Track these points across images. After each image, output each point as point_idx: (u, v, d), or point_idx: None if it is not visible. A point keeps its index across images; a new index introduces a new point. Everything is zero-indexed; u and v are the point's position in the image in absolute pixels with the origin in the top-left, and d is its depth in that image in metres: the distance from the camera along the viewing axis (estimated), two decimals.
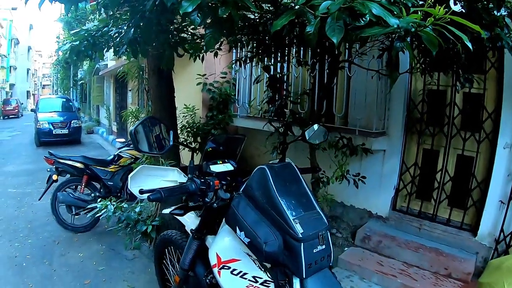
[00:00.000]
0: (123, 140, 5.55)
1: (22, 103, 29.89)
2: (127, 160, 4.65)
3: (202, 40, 3.00)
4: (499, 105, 3.09)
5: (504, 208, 3.06)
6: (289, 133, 3.36)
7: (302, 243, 1.34)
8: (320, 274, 1.44)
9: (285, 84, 3.75)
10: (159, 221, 3.48)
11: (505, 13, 1.96)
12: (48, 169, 4.56)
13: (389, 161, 3.71)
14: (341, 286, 1.50)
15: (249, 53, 3.43)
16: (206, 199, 1.69)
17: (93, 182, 4.66)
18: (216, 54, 3.32)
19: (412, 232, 3.54)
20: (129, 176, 1.79)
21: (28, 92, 43.13)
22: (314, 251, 1.38)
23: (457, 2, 1.47)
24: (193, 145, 4.49)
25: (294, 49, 3.48)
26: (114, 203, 3.60)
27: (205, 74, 4.75)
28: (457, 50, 2.58)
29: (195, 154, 1.95)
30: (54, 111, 12.40)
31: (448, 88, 3.41)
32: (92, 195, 4.46)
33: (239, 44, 3.25)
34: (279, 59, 3.59)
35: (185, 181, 1.68)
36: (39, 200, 4.79)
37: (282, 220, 1.37)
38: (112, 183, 4.57)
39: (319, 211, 1.50)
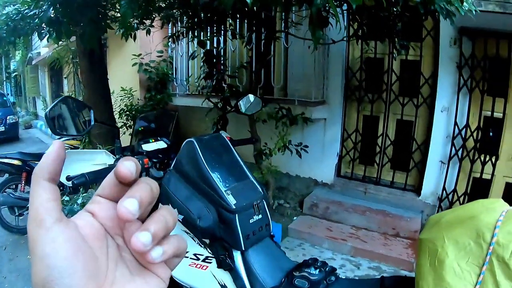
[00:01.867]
0: None
1: None
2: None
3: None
4: (436, 71, 3.23)
5: (444, 168, 3.26)
6: (228, 107, 3.32)
7: (236, 215, 1.31)
8: (261, 244, 1.43)
9: (222, 58, 3.68)
10: None
11: None
12: None
13: (330, 129, 3.79)
14: (285, 254, 1.50)
15: (183, 29, 3.31)
16: None
17: None
18: (148, 32, 3.18)
19: (358, 196, 3.67)
20: None
21: None
22: (251, 221, 1.36)
23: None
24: (132, 128, 4.35)
25: (228, 22, 3.41)
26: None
27: (140, 54, 4.55)
28: (393, 18, 2.67)
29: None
30: None
31: (386, 55, 3.50)
32: None
33: (171, 19, 3.12)
34: (214, 33, 3.50)
35: (113, 163, 1.60)
36: None
37: (214, 193, 1.33)
38: None
39: (253, 180, 1.47)
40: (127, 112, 4.53)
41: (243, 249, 1.34)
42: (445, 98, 3.21)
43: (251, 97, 2.07)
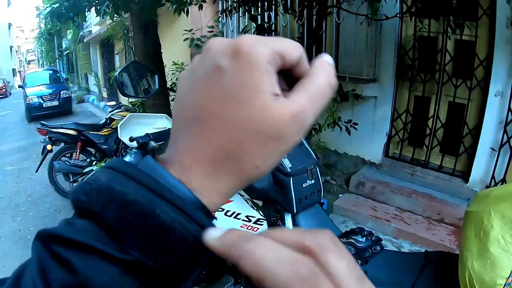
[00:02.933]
0: (113, 103, 5.48)
1: (9, 82, 29.17)
2: (119, 122, 4.61)
3: None
4: (491, 53, 3.04)
5: (495, 155, 3.10)
6: None
7: (291, 178, 1.35)
8: (311, 210, 1.46)
9: (273, 33, 3.67)
10: None
11: None
12: (42, 140, 4.53)
13: (381, 107, 3.71)
14: (332, 221, 1.52)
15: (234, 3, 3.33)
16: None
17: (88, 148, 4.64)
18: (201, 7, 3.23)
19: (405, 178, 3.59)
20: (119, 125, 1.78)
21: (13, 70, 42.03)
22: (304, 186, 1.40)
23: None
24: None
25: None
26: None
27: (191, 29, 4.62)
28: None
29: None
30: (42, 84, 12.08)
31: (440, 34, 3.34)
32: (88, 160, 4.45)
33: None
34: (266, 8, 3.49)
35: None
36: (36, 172, 4.77)
37: None
38: (106, 147, 4.55)
39: (307, 147, 1.50)
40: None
41: (295, 212, 1.38)
42: (500, 82, 3.01)
43: None
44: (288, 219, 1.43)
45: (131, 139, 1.52)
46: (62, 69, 21.50)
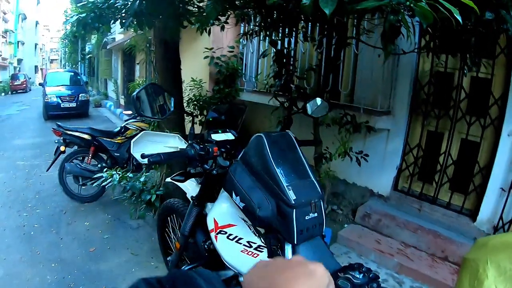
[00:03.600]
0: (130, 112, 5.59)
1: (30, 78, 29.96)
2: (134, 131, 4.66)
3: None
4: (506, 92, 3.03)
5: (504, 195, 3.04)
6: (294, 108, 3.37)
7: (294, 210, 1.36)
8: (312, 242, 1.46)
9: (291, 59, 3.74)
10: (163, 191, 3.54)
11: None
12: (56, 141, 4.63)
13: (393, 140, 3.71)
14: (332, 255, 1.52)
15: (256, 27, 3.41)
16: (205, 166, 1.72)
17: (100, 154, 4.72)
18: (222, 28, 3.31)
19: (412, 213, 3.56)
20: (132, 141, 1.83)
21: (36, 66, 43.18)
22: (306, 218, 1.40)
23: None
24: (199, 118, 4.52)
25: (301, 24, 3.45)
26: (119, 172, 3.67)
27: (212, 48, 4.74)
28: (466, 31, 2.56)
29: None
30: (62, 85, 12.40)
31: (456, 71, 3.35)
32: (99, 166, 4.53)
33: (245, 17, 3.22)
34: (286, 34, 3.57)
35: (185, 147, 1.72)
36: (47, 171, 4.87)
37: (276, 186, 1.39)
38: (118, 154, 4.63)
39: (313, 180, 1.51)
40: (195, 102, 4.73)
41: (295, 243, 1.38)
42: None
43: (319, 100, 2.11)
44: (288, 249, 1.43)
45: (143, 156, 1.56)
46: (83, 72, 22.02)
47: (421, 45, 3.03)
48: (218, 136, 1.86)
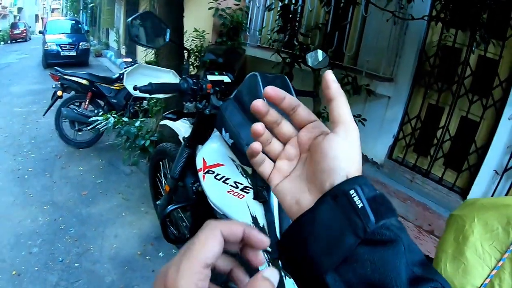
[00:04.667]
0: (129, 60, 5.49)
1: (30, 27, 29.33)
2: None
3: None
4: None
5: (497, 178, 3.03)
6: (296, 65, 3.31)
7: None
8: None
9: (298, 15, 3.64)
10: (158, 137, 3.53)
11: None
12: (54, 86, 4.58)
13: (392, 108, 3.68)
14: None
15: None
16: (198, 105, 1.70)
17: (97, 100, 4.69)
18: None
19: (404, 183, 3.59)
20: (125, 72, 1.79)
21: (36, 15, 42.13)
22: None
23: None
24: (197, 69, 4.44)
25: None
26: (115, 116, 3.65)
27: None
28: (479, 6, 2.49)
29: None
30: (63, 33, 12.17)
31: (464, 47, 3.26)
32: (96, 111, 4.51)
33: None
34: None
35: (179, 82, 1.69)
36: (43, 115, 4.86)
37: None
38: (115, 101, 4.60)
39: None
40: (196, 53, 4.64)
41: None
42: None
43: (320, 52, 2.06)
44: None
45: (135, 88, 1.54)
46: (84, 21, 21.48)
47: (432, 14, 2.94)
48: (214, 78, 1.82)
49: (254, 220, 1.44)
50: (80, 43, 11.55)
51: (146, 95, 1.59)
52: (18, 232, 2.91)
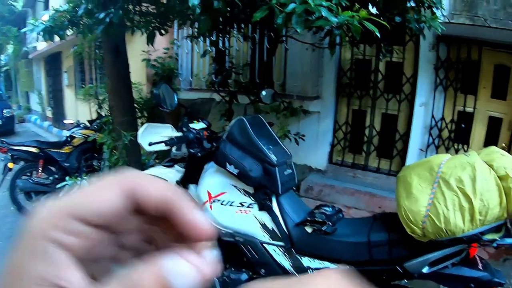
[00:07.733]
0: (71, 121, 5.46)
1: None
2: (80, 140, 4.61)
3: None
4: (416, 72, 3.71)
5: (423, 154, 3.73)
6: (234, 101, 3.68)
7: (276, 168, 1.81)
8: (289, 193, 1.95)
9: (227, 57, 4.07)
10: None
11: (414, 4, 2.64)
12: (2, 158, 4.36)
13: (324, 121, 4.23)
14: (303, 201, 2.01)
15: (195, 30, 3.57)
16: (191, 150, 2.01)
17: (49, 166, 4.56)
18: (166, 31, 3.38)
19: (348, 180, 4.09)
20: (139, 132, 2.12)
21: None
22: (285, 173, 1.87)
23: (373, 6, 2.30)
24: (141, 120, 4.54)
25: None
26: (85, 177, 3.67)
27: (149, 51, 4.78)
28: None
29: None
30: None
31: (373, 57, 3.95)
32: (51, 178, 4.37)
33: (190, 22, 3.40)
34: (227, 36, 3.80)
35: (181, 134, 2.01)
36: None
37: (261, 153, 1.81)
38: (68, 164, 4.49)
39: (283, 146, 1.99)
40: (135, 104, 4.69)
41: (280, 193, 1.83)
42: (424, 95, 3.67)
43: (269, 90, 2.56)
44: (274, 200, 1.84)
45: (150, 144, 1.90)
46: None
47: (342, 39, 3.52)
48: (195, 126, 2.19)
49: (264, 226, 1.82)
50: (4, 111, 10.41)
51: (159, 147, 1.93)
52: None
